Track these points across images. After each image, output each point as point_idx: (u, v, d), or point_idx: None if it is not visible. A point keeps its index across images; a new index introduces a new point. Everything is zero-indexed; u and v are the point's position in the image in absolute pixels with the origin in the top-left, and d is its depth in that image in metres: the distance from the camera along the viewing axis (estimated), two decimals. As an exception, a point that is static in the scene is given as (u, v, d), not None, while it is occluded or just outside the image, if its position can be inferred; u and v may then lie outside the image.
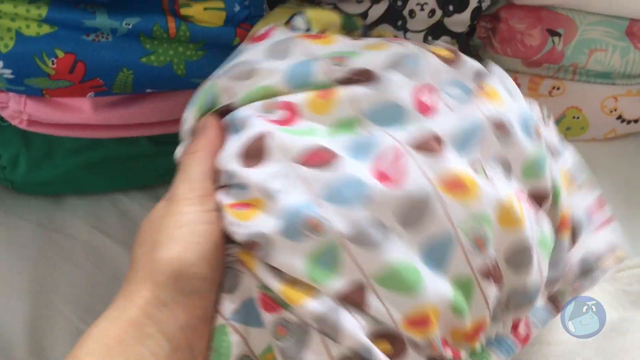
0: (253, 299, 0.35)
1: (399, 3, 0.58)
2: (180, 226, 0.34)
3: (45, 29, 0.44)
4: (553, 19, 0.63)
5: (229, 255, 0.36)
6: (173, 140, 0.57)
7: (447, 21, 0.60)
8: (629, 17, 0.63)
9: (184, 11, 0.47)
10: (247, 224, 0.34)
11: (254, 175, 0.35)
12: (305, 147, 0.36)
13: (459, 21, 0.61)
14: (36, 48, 0.44)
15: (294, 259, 0.33)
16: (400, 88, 0.37)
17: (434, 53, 0.40)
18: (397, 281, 0.33)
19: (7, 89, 0.48)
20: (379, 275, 0.33)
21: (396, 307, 0.33)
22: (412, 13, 0.58)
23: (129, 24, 0.45)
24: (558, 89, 0.67)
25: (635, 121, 0.68)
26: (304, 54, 0.40)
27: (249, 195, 0.35)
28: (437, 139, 0.36)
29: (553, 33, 0.63)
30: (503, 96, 0.39)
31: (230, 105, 0.40)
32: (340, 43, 0.41)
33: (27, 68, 0.45)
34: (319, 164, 0.35)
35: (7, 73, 0.45)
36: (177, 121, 0.55)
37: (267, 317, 0.34)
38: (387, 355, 0.33)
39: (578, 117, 0.68)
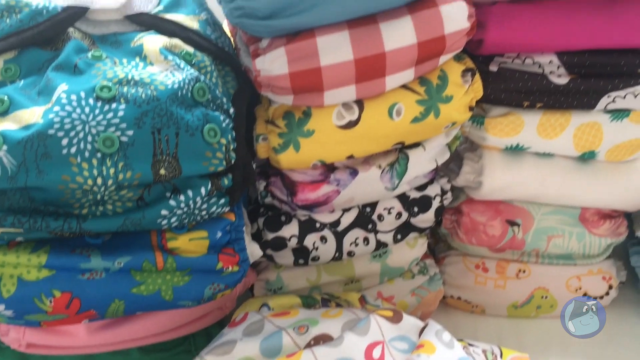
0: None
1: (368, 209, 0.64)
2: None
3: (44, 273, 0.49)
4: (511, 211, 0.69)
5: None
6: (163, 347, 0.61)
7: (414, 220, 0.66)
8: (579, 207, 0.69)
9: (171, 244, 0.52)
10: None
11: None
12: None
13: (424, 219, 0.66)
14: (36, 291, 0.49)
15: None
16: (354, 345, 0.44)
17: (379, 315, 0.48)
18: None
19: (7, 323, 0.51)
20: None
21: None
22: (380, 217, 0.64)
23: (120, 263, 0.50)
24: (524, 271, 0.71)
25: (600, 297, 0.72)
26: (274, 327, 0.48)
27: None
28: None
29: (512, 223, 0.69)
30: (439, 348, 0.46)
31: None
32: (302, 314, 0.50)
33: (27, 308, 0.49)
34: None
35: (8, 313, 0.49)
36: (165, 332, 0.59)
37: None
38: None
39: (546, 297, 0.71)
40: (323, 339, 0.45)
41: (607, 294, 0.72)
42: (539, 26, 0.57)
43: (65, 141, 0.44)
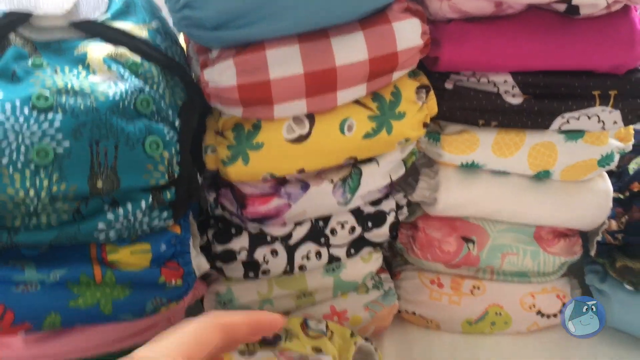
0: None
1: (320, 223, 0.63)
2: None
3: (-24, 285, 0.48)
4: (466, 227, 0.68)
5: None
6: (107, 357, 0.60)
7: (368, 235, 0.65)
8: (534, 225, 0.69)
9: (111, 257, 0.51)
10: None
11: None
12: None
13: (379, 234, 0.66)
14: (-33, 302, 0.47)
15: None
16: None
17: None
18: None
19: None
20: None
21: None
22: (333, 231, 0.63)
23: (56, 276, 0.49)
24: (478, 288, 0.71)
25: (555, 315, 0.72)
26: None
27: None
28: None
29: (467, 240, 0.68)
30: None
31: None
32: None
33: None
34: None
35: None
36: (108, 344, 0.57)
37: None
38: None
39: (500, 314, 0.71)
40: None
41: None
42: (493, 46, 0.56)
43: (-4, 151, 0.43)
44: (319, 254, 0.64)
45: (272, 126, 0.54)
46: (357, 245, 0.65)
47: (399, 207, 0.66)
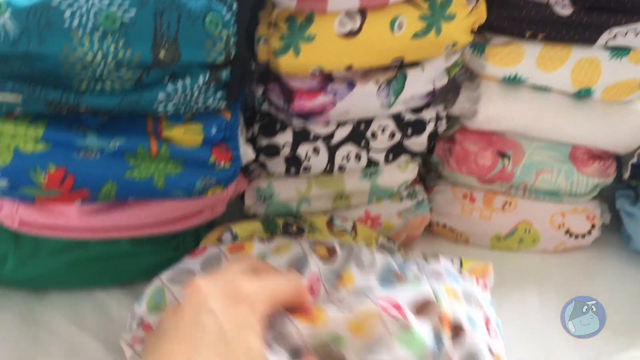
0: None
1: (362, 126, 0.65)
2: (227, 343, 0.33)
3: (41, 146, 0.50)
4: (503, 142, 0.70)
5: None
6: (152, 240, 0.63)
7: (407, 142, 0.67)
8: (571, 144, 0.70)
9: (166, 133, 0.53)
10: None
11: None
12: None
13: (417, 143, 0.67)
14: (31, 163, 0.50)
15: None
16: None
17: (316, 254, 0.52)
18: None
19: (1, 195, 0.53)
20: None
21: None
22: (374, 135, 0.65)
23: (115, 144, 0.51)
24: (510, 204, 0.72)
25: (582, 236, 0.74)
26: None
27: None
28: None
29: (503, 155, 0.70)
30: (355, 275, 0.50)
31: None
32: (255, 248, 0.54)
33: (22, 179, 0.51)
34: None
35: (3, 183, 0.51)
36: (155, 225, 0.60)
37: None
38: None
39: (529, 231, 0.73)
40: None
41: (590, 233, 0.73)
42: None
43: (68, 13, 0.45)
44: (358, 157, 0.65)
45: (324, 19, 0.56)
46: (395, 151, 0.67)
47: (438, 118, 0.67)
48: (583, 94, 0.66)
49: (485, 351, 0.46)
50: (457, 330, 0.46)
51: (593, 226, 0.73)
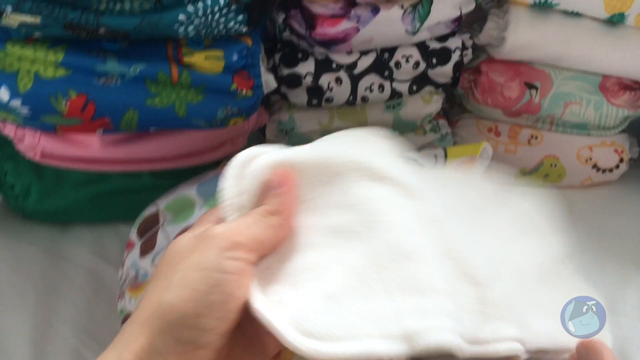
0: None
1: (386, 55, 0.63)
2: (198, 269, 0.32)
3: (61, 71, 0.49)
4: (530, 73, 0.68)
5: None
6: (173, 174, 0.62)
7: (431, 73, 0.65)
8: (601, 73, 0.67)
9: (187, 59, 0.52)
10: None
11: None
12: None
13: (442, 73, 0.65)
14: (52, 89, 0.49)
15: None
16: None
17: None
18: None
19: (23, 124, 0.52)
20: None
21: None
22: (397, 64, 0.63)
23: (136, 70, 0.50)
24: (536, 138, 0.71)
25: (610, 170, 0.72)
26: None
27: None
28: None
29: (530, 86, 0.68)
30: None
31: None
32: None
33: (43, 107, 0.50)
34: None
35: (25, 110, 0.50)
36: (177, 157, 0.60)
37: None
38: None
39: (555, 165, 0.72)
40: None
41: (618, 167, 0.72)
42: None
43: None
44: (381, 87, 0.64)
45: (348, -61, 0.53)
46: (419, 82, 0.65)
47: (464, 47, 0.65)
48: (616, 20, 0.63)
49: None
50: None
51: (621, 160, 0.72)
